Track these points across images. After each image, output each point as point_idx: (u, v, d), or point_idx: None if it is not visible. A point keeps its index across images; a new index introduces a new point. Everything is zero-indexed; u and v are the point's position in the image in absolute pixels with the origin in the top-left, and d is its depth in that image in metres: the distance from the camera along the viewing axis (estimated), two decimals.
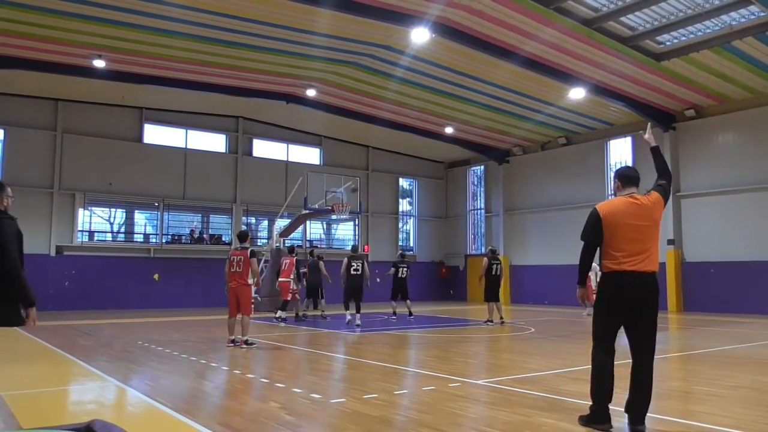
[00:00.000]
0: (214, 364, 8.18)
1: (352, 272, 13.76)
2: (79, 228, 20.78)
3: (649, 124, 5.66)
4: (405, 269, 16.56)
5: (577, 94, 18.77)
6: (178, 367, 7.93)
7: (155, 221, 22.49)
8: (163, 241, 22.29)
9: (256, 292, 20.92)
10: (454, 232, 29.30)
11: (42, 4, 13.93)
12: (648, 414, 4.45)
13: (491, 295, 14.45)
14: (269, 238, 23.13)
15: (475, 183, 28.88)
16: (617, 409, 4.57)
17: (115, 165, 21.35)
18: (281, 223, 22.27)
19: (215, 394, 6.36)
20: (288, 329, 13.46)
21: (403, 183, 29.15)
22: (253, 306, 10.68)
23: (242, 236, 10.28)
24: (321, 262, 16.72)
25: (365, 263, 14.27)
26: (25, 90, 19.75)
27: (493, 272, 14.57)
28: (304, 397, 5.87)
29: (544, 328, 13.61)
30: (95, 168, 20.96)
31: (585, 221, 4.67)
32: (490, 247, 16.46)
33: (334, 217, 20.81)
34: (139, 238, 22.63)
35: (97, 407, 5.53)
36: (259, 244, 24.73)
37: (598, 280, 4.80)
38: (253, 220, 25.25)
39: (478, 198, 28.57)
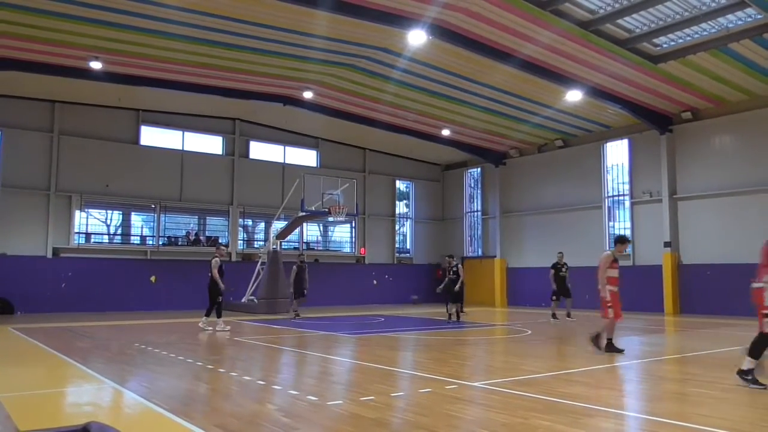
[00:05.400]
0: (210, 366, 8.17)
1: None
2: (76, 230, 20.72)
3: None
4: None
5: (573, 96, 18.80)
6: (175, 369, 7.92)
7: (152, 223, 22.46)
8: (160, 243, 22.25)
9: (252, 294, 20.98)
10: (451, 235, 29.29)
11: (38, 5, 13.90)
12: (643, 416, 4.45)
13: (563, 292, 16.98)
14: (266, 240, 23.11)
15: (472, 185, 28.88)
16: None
17: (112, 167, 21.32)
18: (278, 225, 22.25)
19: (211, 396, 6.35)
20: (282, 330, 13.43)
21: (400, 185, 29.13)
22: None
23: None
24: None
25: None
26: (22, 91, 19.70)
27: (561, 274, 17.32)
28: (301, 399, 5.87)
29: (541, 331, 13.62)
30: (92, 170, 20.92)
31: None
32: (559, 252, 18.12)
33: (330, 219, 20.81)
34: (135, 240, 22.59)
35: (93, 409, 5.53)
36: (255, 246, 24.74)
37: None
38: (249, 222, 25.23)
39: (475, 200, 28.57)
